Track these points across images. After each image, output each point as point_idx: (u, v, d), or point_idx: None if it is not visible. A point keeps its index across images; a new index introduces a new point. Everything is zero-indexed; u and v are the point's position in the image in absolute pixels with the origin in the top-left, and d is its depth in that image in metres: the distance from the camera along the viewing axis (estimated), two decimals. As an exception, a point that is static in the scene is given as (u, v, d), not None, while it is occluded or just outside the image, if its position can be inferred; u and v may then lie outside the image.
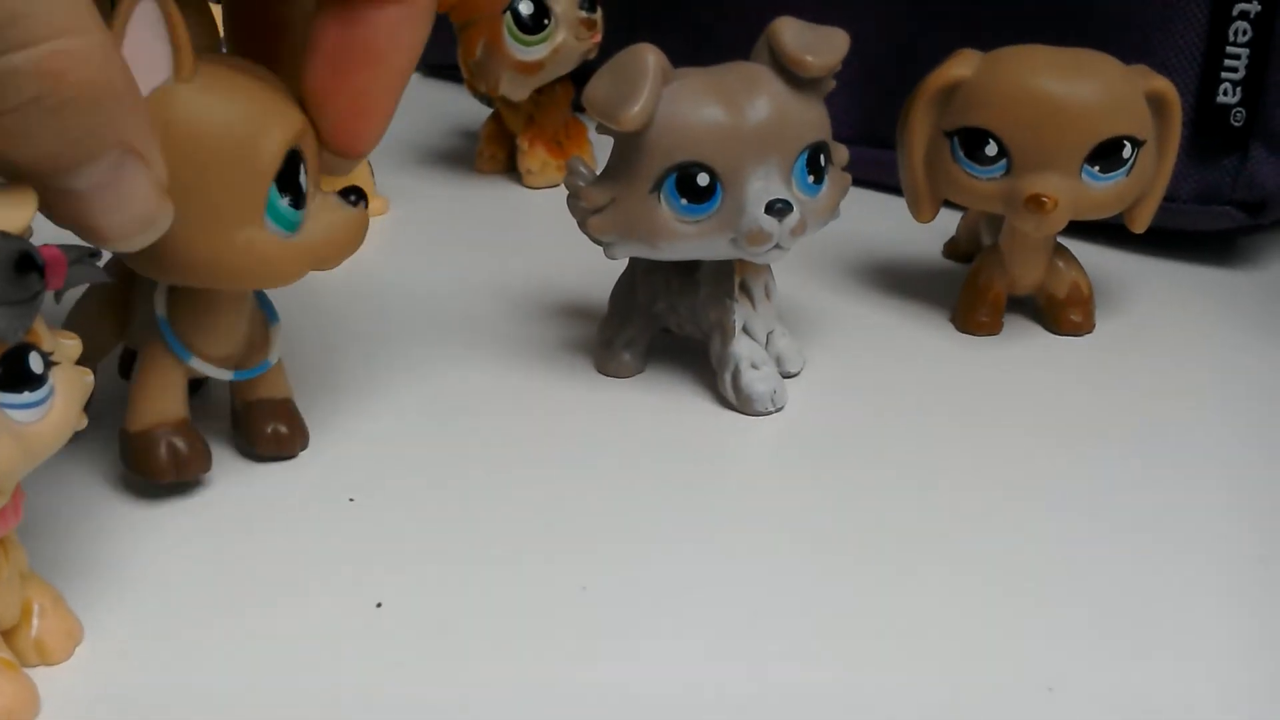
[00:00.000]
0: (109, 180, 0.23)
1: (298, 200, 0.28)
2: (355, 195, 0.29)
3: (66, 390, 0.23)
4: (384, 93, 0.28)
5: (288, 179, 0.27)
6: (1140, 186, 0.38)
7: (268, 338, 0.32)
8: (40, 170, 0.23)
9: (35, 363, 0.22)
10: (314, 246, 0.28)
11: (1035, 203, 0.36)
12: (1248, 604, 0.27)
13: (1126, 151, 0.36)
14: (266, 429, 0.32)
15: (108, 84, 0.22)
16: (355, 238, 0.29)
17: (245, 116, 0.27)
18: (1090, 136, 0.36)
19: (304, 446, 0.32)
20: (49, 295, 0.23)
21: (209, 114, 0.26)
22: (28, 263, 0.22)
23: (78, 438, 0.24)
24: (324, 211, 0.29)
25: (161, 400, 0.30)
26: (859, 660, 0.25)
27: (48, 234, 0.24)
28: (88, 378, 0.24)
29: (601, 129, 0.32)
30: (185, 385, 0.30)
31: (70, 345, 0.24)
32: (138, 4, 0.25)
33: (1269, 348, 0.39)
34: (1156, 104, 0.37)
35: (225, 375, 0.31)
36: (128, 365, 0.34)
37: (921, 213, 0.39)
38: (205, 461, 0.30)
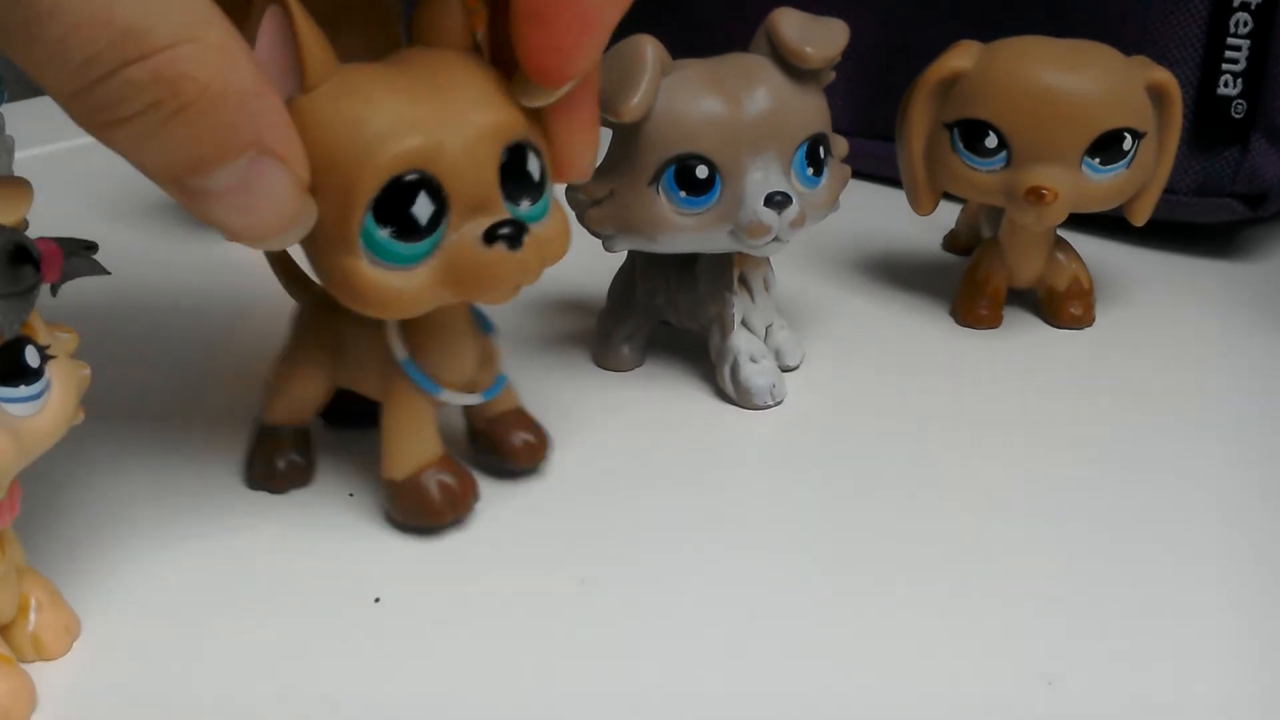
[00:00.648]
0: (244, 181, 0.23)
1: (406, 232, 0.25)
2: (505, 230, 0.25)
3: (63, 384, 0.23)
4: (608, 5, 0.26)
5: (391, 209, 0.25)
6: (1141, 179, 0.37)
7: (489, 351, 0.30)
8: (172, 172, 0.22)
9: (31, 356, 0.22)
10: (425, 287, 0.26)
11: (1035, 195, 0.36)
12: (1247, 600, 0.27)
13: (1127, 143, 0.36)
14: (516, 442, 0.31)
15: (230, 87, 0.22)
16: (486, 283, 0.26)
17: (344, 140, 0.24)
18: (1090, 128, 0.36)
19: (550, 450, 0.31)
20: (45, 289, 0.23)
21: (312, 133, 0.24)
22: (23, 255, 0.22)
23: (73, 432, 0.24)
24: (459, 247, 0.25)
25: (420, 441, 0.29)
26: (858, 655, 0.25)
27: (44, 227, 0.24)
28: (84, 371, 0.24)
29: (600, 121, 0.32)
30: (436, 420, 0.29)
31: (66, 339, 0.24)
32: (265, 13, 0.24)
33: (1270, 340, 0.39)
34: (1157, 95, 0.37)
35: (475, 399, 0.30)
36: (333, 411, 0.32)
37: (921, 205, 0.39)
38: (476, 489, 0.29)
